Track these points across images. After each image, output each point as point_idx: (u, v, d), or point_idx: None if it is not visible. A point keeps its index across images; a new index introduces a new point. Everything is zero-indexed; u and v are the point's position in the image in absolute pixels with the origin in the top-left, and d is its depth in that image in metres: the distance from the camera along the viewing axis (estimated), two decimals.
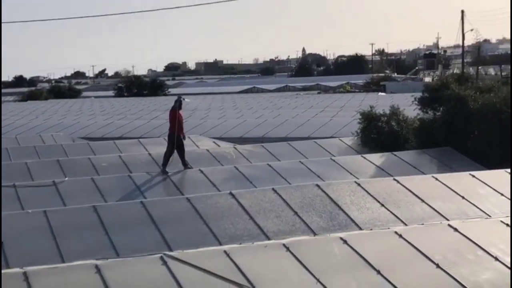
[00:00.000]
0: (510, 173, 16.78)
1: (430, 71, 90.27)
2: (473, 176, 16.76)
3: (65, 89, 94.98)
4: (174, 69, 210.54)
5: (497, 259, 10.83)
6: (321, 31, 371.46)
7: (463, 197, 15.55)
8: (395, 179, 16.29)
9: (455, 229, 11.62)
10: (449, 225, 11.85)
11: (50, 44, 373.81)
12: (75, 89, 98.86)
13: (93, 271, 9.63)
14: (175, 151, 19.67)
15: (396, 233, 11.40)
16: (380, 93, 64.72)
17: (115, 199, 16.86)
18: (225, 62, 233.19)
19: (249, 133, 32.76)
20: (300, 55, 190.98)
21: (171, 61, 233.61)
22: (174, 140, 19.60)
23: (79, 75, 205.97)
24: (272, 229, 13.82)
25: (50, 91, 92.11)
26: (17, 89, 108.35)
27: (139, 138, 29.10)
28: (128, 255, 11.21)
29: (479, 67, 79.94)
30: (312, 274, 10.06)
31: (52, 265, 10.04)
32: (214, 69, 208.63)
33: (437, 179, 16.40)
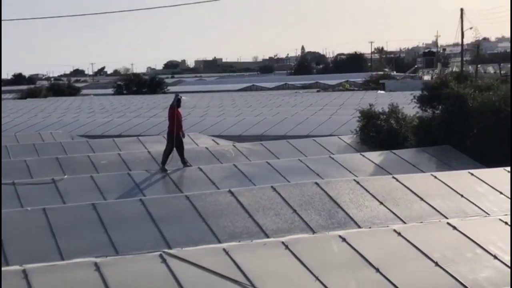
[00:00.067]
0: (510, 172, 16.79)
1: (429, 70, 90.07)
2: (472, 174, 16.77)
3: (64, 87, 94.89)
4: (173, 67, 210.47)
5: (495, 257, 10.84)
6: (320, 29, 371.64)
7: (462, 196, 15.56)
8: (394, 177, 16.29)
9: (454, 227, 11.64)
10: (448, 223, 11.86)
11: (49, 41, 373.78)
12: (74, 87, 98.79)
13: (92, 269, 9.64)
14: (174, 149, 19.68)
15: (395, 231, 11.41)
16: (379, 91, 64.67)
17: (114, 197, 16.85)
18: (224, 60, 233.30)
19: (248, 131, 32.77)
20: (299, 53, 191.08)
21: (170, 59, 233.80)
22: (173, 138, 19.61)
23: (78, 73, 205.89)
24: (271, 227, 13.83)
25: (49, 89, 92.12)
26: (16, 87, 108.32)
27: (138, 136, 29.06)
28: (127, 253, 11.23)
29: (478, 66, 79.75)
30: (311, 272, 10.08)
31: (51, 263, 10.06)
32: (213, 67, 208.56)
33: (436, 177, 16.40)
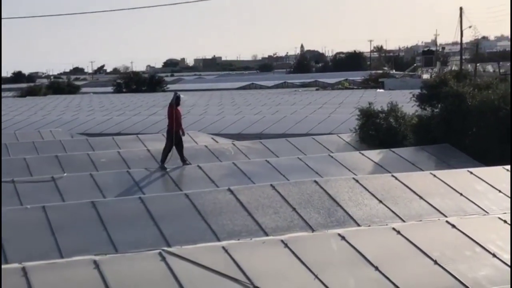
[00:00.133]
0: (509, 170, 16.80)
1: (428, 68, 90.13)
2: (471, 173, 16.78)
3: (63, 85, 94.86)
4: (172, 65, 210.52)
5: (494, 256, 10.85)
6: (320, 27, 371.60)
7: (461, 194, 15.57)
8: (393, 176, 16.29)
9: (453, 226, 11.64)
10: (447, 222, 11.87)
11: (49, 40, 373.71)
12: (74, 85, 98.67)
13: (91, 267, 9.65)
14: (173, 147, 19.69)
15: (394, 229, 11.42)
16: (378, 90, 64.75)
17: (114, 195, 16.86)
18: (224, 58, 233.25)
19: (248, 129, 32.77)
20: (298, 51, 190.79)
21: (169, 57, 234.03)
22: (172, 136, 19.61)
23: (78, 71, 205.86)
24: (270, 225, 13.83)
25: (49, 87, 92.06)
26: (16, 85, 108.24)
27: (138, 134, 29.08)
28: (126, 251, 11.22)
29: (477, 64, 79.80)
30: (310, 270, 10.08)
31: (50, 261, 10.06)
32: (212, 65, 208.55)
33: (435, 175, 16.41)
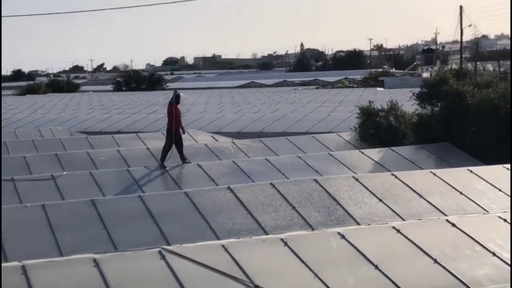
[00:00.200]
0: (509, 169, 16.80)
1: (428, 67, 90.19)
2: (471, 171, 16.78)
3: (63, 83, 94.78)
4: (172, 64, 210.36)
5: (494, 255, 10.85)
6: (320, 26, 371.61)
7: (461, 193, 15.57)
8: (393, 174, 16.29)
9: (453, 225, 11.65)
10: (447, 221, 11.87)
11: (48, 38, 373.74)
12: (73, 83, 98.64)
13: (91, 265, 9.65)
14: (173, 145, 19.68)
15: (394, 228, 11.42)
16: (378, 88, 64.74)
17: (113, 193, 16.86)
18: (224, 56, 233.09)
19: (247, 127, 32.76)
20: (298, 50, 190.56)
21: (169, 55, 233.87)
22: (172, 134, 19.60)
23: (77, 69, 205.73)
24: (270, 223, 13.83)
25: (48, 85, 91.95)
26: (15, 83, 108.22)
27: (137, 132, 29.11)
28: (126, 249, 11.22)
29: (477, 63, 79.79)
30: (310, 268, 10.08)
31: (50, 259, 10.06)
32: (212, 63, 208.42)
33: (435, 174, 16.41)
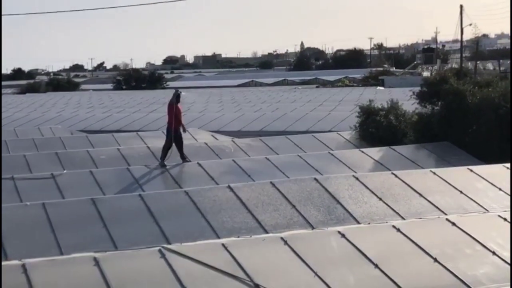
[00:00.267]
0: (509, 168, 16.80)
1: (428, 66, 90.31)
2: (471, 170, 16.78)
3: (63, 82, 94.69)
4: (172, 63, 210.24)
5: (494, 254, 10.86)
6: (320, 25, 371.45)
7: (461, 192, 15.57)
8: (393, 173, 16.30)
9: (453, 224, 11.65)
10: (447, 220, 11.87)
11: (48, 36, 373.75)
12: (73, 82, 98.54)
13: (91, 264, 9.65)
14: (173, 144, 19.68)
15: (394, 227, 11.42)
16: (378, 88, 64.70)
17: (114, 192, 16.87)
18: (224, 55, 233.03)
19: (248, 126, 32.75)
20: (298, 49, 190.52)
21: (169, 54, 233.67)
22: (172, 133, 19.60)
23: (77, 68, 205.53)
24: (270, 222, 13.84)
25: (48, 83, 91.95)
26: (15, 82, 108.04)
27: (138, 131, 29.08)
28: (126, 248, 11.23)
29: (478, 62, 79.82)
30: (310, 267, 10.09)
31: (50, 258, 10.08)
32: (212, 62, 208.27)
33: (435, 173, 16.41)
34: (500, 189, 15.85)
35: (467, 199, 15.32)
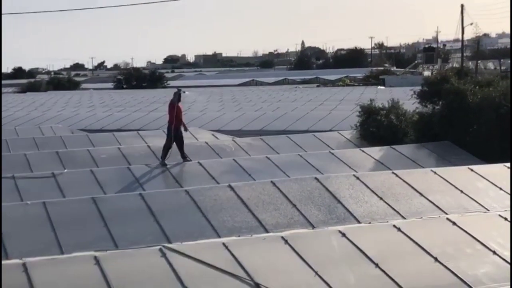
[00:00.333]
0: (509, 168, 16.80)
1: (429, 65, 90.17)
2: (472, 170, 16.78)
3: (64, 81, 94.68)
4: (173, 62, 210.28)
5: (495, 253, 10.86)
6: (321, 24, 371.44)
7: (462, 191, 15.57)
8: (393, 173, 16.30)
9: (454, 223, 11.65)
10: (448, 219, 11.87)
11: (49, 35, 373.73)
12: (74, 81, 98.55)
13: (92, 263, 9.66)
14: (174, 143, 19.68)
15: (394, 226, 11.42)
16: (379, 87, 64.68)
17: (114, 191, 16.87)
18: (224, 54, 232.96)
19: (248, 126, 32.75)
20: (299, 48, 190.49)
21: (170, 53, 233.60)
22: (173, 132, 19.60)
23: (78, 67, 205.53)
24: (270, 221, 13.84)
25: (49, 82, 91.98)
26: (16, 81, 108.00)
27: (138, 130, 29.09)
28: (127, 247, 11.24)
29: (479, 61, 79.81)
30: (310, 267, 10.09)
31: (51, 257, 10.08)
32: (213, 61, 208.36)
33: (435, 173, 16.41)
34: (500, 189, 15.85)
35: (468, 198, 15.32)
